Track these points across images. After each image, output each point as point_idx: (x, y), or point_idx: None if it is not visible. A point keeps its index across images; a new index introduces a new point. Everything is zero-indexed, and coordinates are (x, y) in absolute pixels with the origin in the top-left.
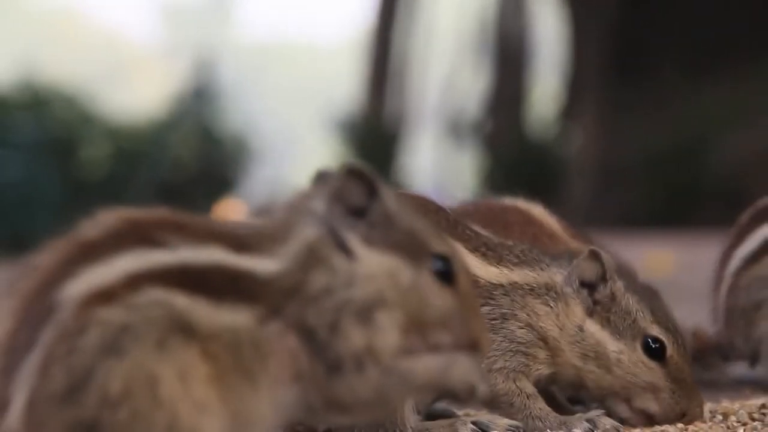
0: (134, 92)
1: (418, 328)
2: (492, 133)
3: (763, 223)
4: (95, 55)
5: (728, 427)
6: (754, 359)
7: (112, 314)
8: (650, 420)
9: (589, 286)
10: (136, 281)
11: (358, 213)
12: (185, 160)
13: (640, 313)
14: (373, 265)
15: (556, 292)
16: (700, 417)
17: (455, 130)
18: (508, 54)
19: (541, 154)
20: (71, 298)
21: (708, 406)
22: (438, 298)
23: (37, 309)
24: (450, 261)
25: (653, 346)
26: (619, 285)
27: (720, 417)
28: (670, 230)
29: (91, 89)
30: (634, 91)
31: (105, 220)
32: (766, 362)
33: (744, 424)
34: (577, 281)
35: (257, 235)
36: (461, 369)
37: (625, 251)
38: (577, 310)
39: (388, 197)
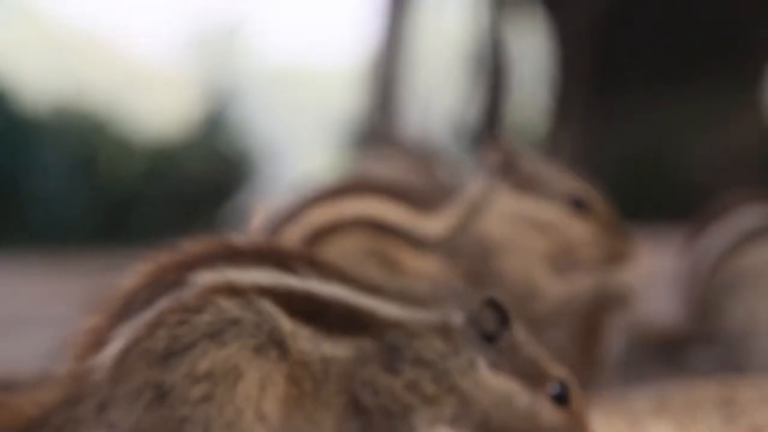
0: (159, 113)
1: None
2: (484, 144)
3: (736, 218)
4: (120, 75)
5: (699, 416)
6: (720, 346)
7: (229, 306)
8: (592, 267)
9: (503, 169)
10: (261, 291)
11: (490, 339)
12: (202, 181)
13: (558, 176)
14: (492, 385)
15: (486, 193)
16: (632, 256)
17: (456, 141)
18: (494, 68)
19: None
20: (201, 282)
21: (679, 396)
22: (552, 420)
23: (168, 280)
24: (566, 384)
25: (579, 200)
26: (527, 157)
27: (690, 405)
28: (650, 228)
29: (116, 109)
30: (614, 103)
31: (253, 237)
32: (735, 351)
33: (714, 413)
34: (491, 169)
35: (398, 297)
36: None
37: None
38: (504, 194)
39: (518, 328)
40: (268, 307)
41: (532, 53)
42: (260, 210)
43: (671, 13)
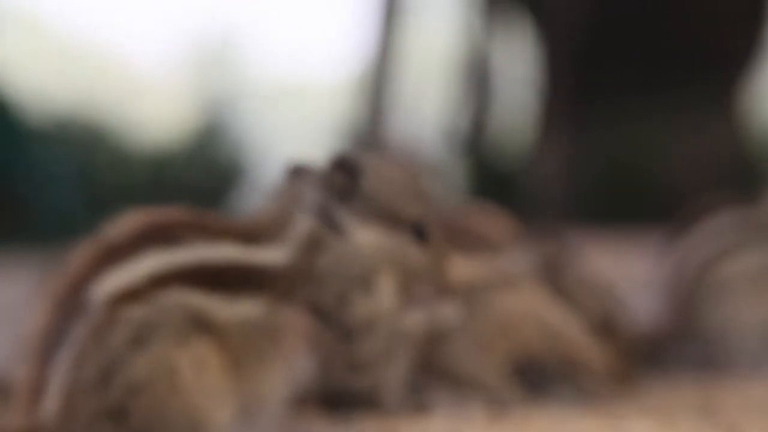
0: (159, 123)
1: (407, 285)
2: (473, 150)
3: (719, 221)
4: (120, 86)
5: (677, 419)
6: (702, 348)
7: (136, 312)
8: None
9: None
10: (157, 281)
11: (345, 195)
12: (200, 191)
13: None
14: (365, 240)
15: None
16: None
17: (446, 150)
18: (480, 76)
19: (512, 168)
20: (100, 298)
21: (657, 398)
22: (418, 255)
23: (69, 307)
24: (422, 223)
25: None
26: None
27: (670, 407)
28: (633, 232)
29: (116, 120)
30: (601, 110)
31: (128, 222)
32: (717, 353)
33: (690, 417)
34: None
35: (260, 227)
36: (446, 312)
37: (598, 252)
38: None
39: (371, 176)
40: (172, 294)
41: (520, 62)
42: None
43: (652, 24)
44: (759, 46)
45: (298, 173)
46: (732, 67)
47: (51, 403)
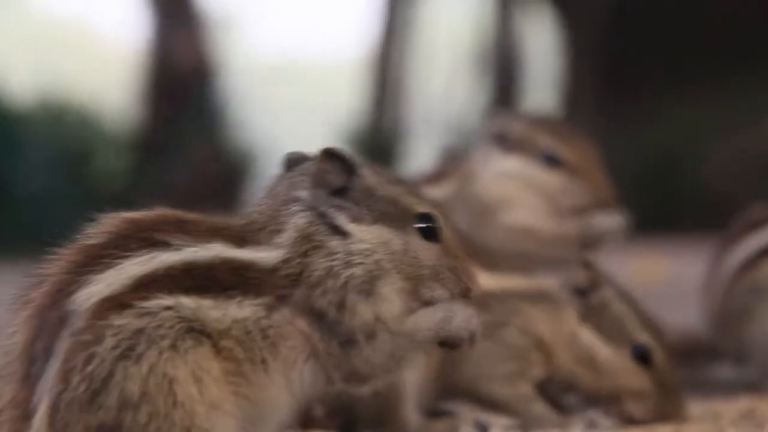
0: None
1: (415, 287)
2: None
3: (756, 231)
4: (109, 70)
5: (719, 429)
6: (740, 360)
7: (125, 321)
8: (633, 422)
9: (581, 292)
10: (144, 286)
11: (340, 192)
12: (195, 174)
13: (629, 320)
14: (365, 240)
15: (551, 299)
16: (681, 418)
17: (455, 139)
18: (502, 67)
19: None
20: (83, 307)
21: (700, 407)
22: (428, 255)
23: (51, 319)
24: (432, 218)
25: (641, 352)
26: (609, 291)
27: (711, 418)
28: (660, 237)
29: (105, 104)
30: (626, 104)
31: (108, 224)
32: (755, 364)
33: (735, 425)
34: (570, 288)
35: (251, 226)
36: (460, 317)
37: (619, 258)
38: (571, 317)
39: (366, 172)
40: (161, 299)
41: (542, 52)
42: None
43: (687, 10)
44: None
45: (294, 164)
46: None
47: (40, 424)
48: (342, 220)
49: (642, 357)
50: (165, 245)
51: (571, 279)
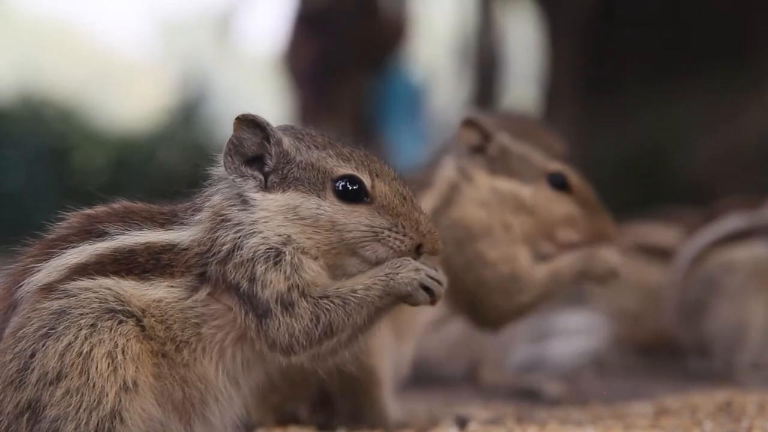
0: (130, 103)
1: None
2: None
3: (710, 224)
4: (90, 65)
5: (697, 422)
6: (702, 353)
7: (49, 303)
8: (573, 247)
9: (478, 149)
10: (73, 272)
11: (256, 160)
12: (180, 171)
13: (533, 155)
14: (267, 208)
15: (463, 174)
16: (614, 235)
17: (436, 134)
18: (483, 63)
19: None
20: (27, 294)
21: (677, 400)
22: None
23: (4, 307)
24: (357, 180)
25: (558, 180)
26: (503, 136)
27: (689, 411)
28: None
29: (86, 100)
30: (607, 99)
31: (69, 219)
32: (716, 357)
33: (712, 418)
34: (467, 150)
35: (184, 208)
36: (404, 273)
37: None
38: (482, 176)
39: (285, 137)
40: (84, 282)
41: (523, 47)
42: None
43: (669, 6)
44: None
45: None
46: (764, 52)
47: None
48: (249, 190)
49: (560, 184)
50: (102, 235)
51: (463, 142)
